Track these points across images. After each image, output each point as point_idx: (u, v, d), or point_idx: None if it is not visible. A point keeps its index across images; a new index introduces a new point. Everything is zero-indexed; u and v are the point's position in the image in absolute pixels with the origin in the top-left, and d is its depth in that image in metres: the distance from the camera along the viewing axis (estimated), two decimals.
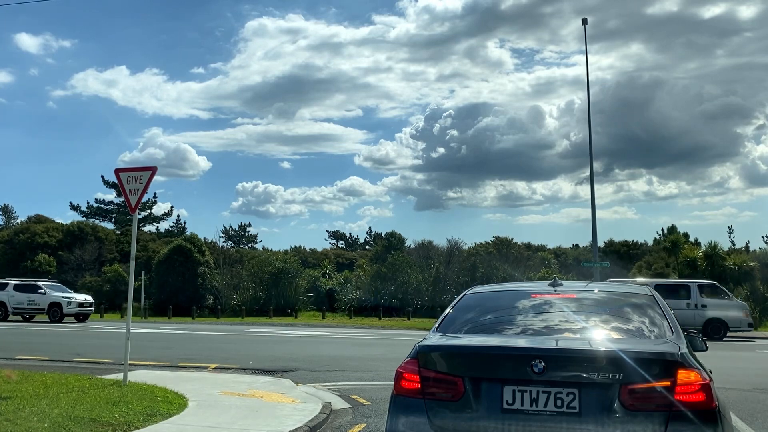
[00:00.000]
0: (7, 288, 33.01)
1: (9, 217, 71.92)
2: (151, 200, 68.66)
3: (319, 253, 67.15)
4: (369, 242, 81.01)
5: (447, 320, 4.82)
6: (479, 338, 4.47)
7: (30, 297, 32.28)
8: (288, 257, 51.35)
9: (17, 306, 32.81)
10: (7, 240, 53.85)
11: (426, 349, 4.27)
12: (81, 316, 32.82)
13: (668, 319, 4.53)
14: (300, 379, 11.51)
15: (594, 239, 32.84)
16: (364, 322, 36.36)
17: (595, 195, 31.71)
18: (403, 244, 58.69)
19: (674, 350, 3.95)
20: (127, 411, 7.60)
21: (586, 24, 33.43)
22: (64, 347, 16.91)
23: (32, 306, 32.56)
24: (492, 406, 3.93)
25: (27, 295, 32.63)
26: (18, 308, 32.91)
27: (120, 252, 53.76)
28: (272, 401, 8.97)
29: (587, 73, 34.69)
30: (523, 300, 4.97)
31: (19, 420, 6.93)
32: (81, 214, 66.64)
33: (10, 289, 32.92)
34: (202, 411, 8.11)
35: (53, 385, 9.29)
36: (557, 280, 5.22)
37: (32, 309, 32.75)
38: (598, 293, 5.11)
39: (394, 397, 4.28)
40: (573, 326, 4.46)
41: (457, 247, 51.64)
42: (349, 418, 8.21)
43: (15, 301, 32.54)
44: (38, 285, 33.29)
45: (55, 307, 32.03)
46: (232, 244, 74.25)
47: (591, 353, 3.94)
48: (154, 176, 10.39)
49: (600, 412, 3.75)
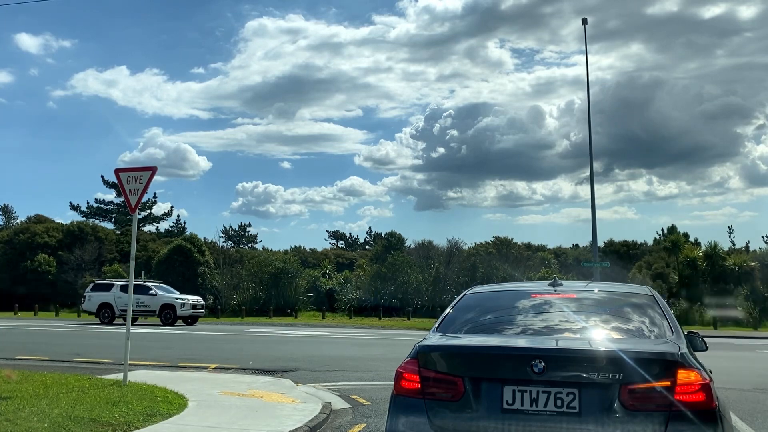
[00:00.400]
0: (113, 289, 31.28)
1: (9, 217, 71.89)
2: (151, 200, 68.67)
3: (319, 253, 67.17)
4: (369, 242, 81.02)
5: (447, 320, 4.82)
6: (479, 338, 4.46)
7: (139, 298, 30.12)
8: (288, 257, 51.38)
9: (125, 308, 30.73)
10: (7, 240, 53.83)
11: (426, 349, 4.27)
12: (190, 319, 31.04)
13: (668, 319, 4.53)
14: (300, 379, 11.51)
15: (594, 239, 32.86)
16: (364, 322, 36.37)
17: (595, 195, 31.77)
18: (403, 244, 58.75)
19: (674, 350, 3.94)
20: (127, 411, 7.59)
21: (586, 24, 33.49)
22: (64, 347, 16.92)
23: (142, 308, 30.55)
24: (492, 406, 3.92)
25: (136, 296, 29.99)
26: (126, 310, 31.06)
27: (120, 252, 53.76)
28: (272, 401, 8.96)
29: (587, 73, 34.78)
30: (523, 300, 4.97)
31: (19, 420, 6.93)
32: (81, 214, 66.70)
33: (117, 290, 31.05)
34: (202, 411, 8.11)
35: (53, 385, 9.29)
36: (557, 280, 5.22)
37: (142, 311, 30.80)
38: (598, 293, 5.11)
39: (394, 397, 4.28)
40: (573, 326, 4.46)
41: (457, 247, 51.67)
42: (349, 418, 8.21)
43: (122, 303, 29.94)
44: (148, 286, 31.35)
45: (167, 309, 30.24)
46: (232, 244, 74.27)
47: (591, 353, 3.94)
48: (154, 176, 10.38)
49: (600, 412, 3.75)
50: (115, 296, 30.90)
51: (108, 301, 31.02)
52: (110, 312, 30.84)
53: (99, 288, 32.13)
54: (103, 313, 31.04)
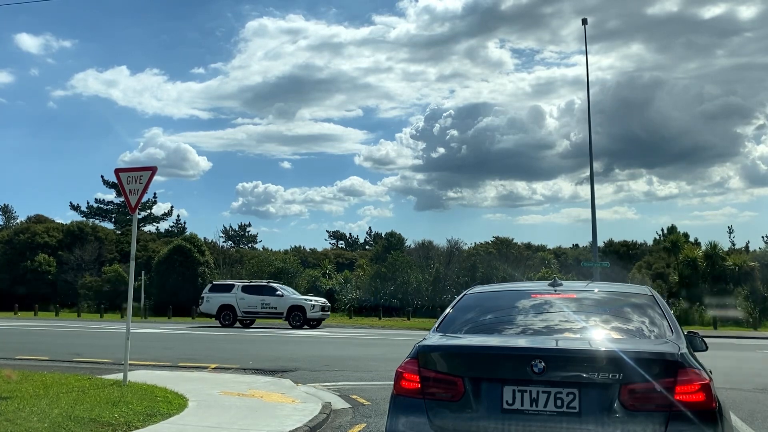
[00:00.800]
0: (234, 290, 29.58)
1: (9, 217, 71.95)
2: (151, 200, 68.67)
3: (319, 253, 67.21)
4: (369, 242, 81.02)
5: (447, 320, 4.82)
6: (479, 338, 4.46)
7: (264, 300, 28.82)
8: (288, 257, 51.44)
9: (249, 310, 29.18)
10: (7, 240, 53.84)
11: (426, 349, 4.27)
12: (315, 322, 29.45)
13: (668, 319, 4.53)
14: (300, 379, 11.51)
15: (594, 239, 32.86)
16: (364, 322, 36.36)
17: (595, 195, 31.77)
18: (403, 244, 58.76)
19: (674, 350, 3.94)
20: (127, 411, 7.59)
21: (586, 24, 33.48)
22: (64, 347, 16.92)
23: (267, 310, 29.05)
24: (492, 406, 3.92)
25: (260, 297, 29.12)
26: (249, 312, 29.30)
27: (120, 252, 53.78)
28: (272, 401, 8.96)
29: (587, 74, 34.77)
30: (523, 300, 4.97)
31: (19, 420, 6.93)
32: (81, 214, 66.71)
33: (238, 290, 29.51)
34: (202, 411, 8.11)
35: (53, 385, 9.29)
36: (557, 280, 5.22)
37: (267, 313, 29.26)
38: (598, 293, 5.11)
39: (394, 397, 4.28)
40: (573, 326, 4.46)
41: (457, 247, 51.71)
42: (349, 418, 8.21)
43: (245, 305, 29.04)
44: (273, 286, 30.02)
45: (296, 311, 28.70)
46: (232, 244, 74.32)
47: (591, 353, 3.94)
48: (154, 176, 10.38)
49: (600, 412, 3.75)
50: (238, 297, 29.29)
51: (229, 303, 29.28)
52: (232, 314, 29.19)
53: (218, 289, 30.35)
54: (224, 315, 29.29)
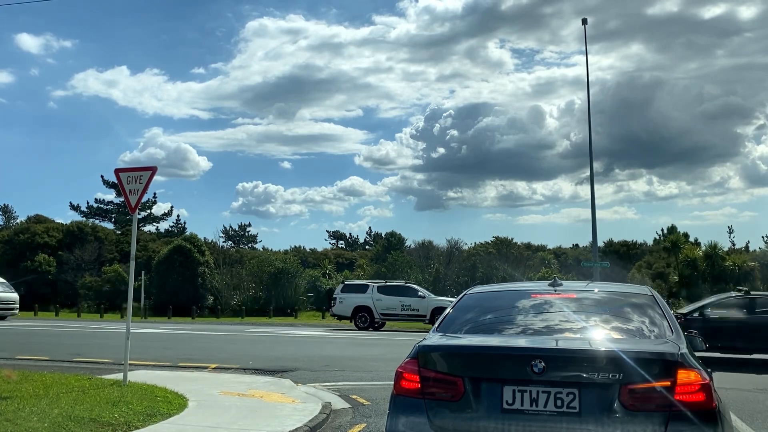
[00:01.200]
0: (369, 290, 28.20)
1: (9, 217, 72.01)
2: (151, 200, 68.69)
3: (319, 253, 67.26)
4: (369, 242, 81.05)
5: (447, 320, 4.82)
6: (479, 338, 4.47)
7: (404, 301, 27.48)
8: (288, 257, 51.44)
9: (387, 312, 27.84)
10: (7, 240, 53.87)
11: (426, 349, 4.27)
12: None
13: (668, 319, 4.53)
14: (300, 379, 11.50)
15: (594, 239, 32.86)
16: None
17: (595, 195, 31.75)
18: (403, 244, 58.82)
19: (674, 350, 3.95)
20: (127, 411, 7.59)
21: (586, 24, 33.46)
22: (64, 347, 16.90)
23: (408, 312, 27.65)
24: (492, 406, 3.92)
25: (399, 298, 27.77)
26: (388, 314, 27.93)
27: (120, 252, 53.79)
28: (272, 401, 8.96)
29: (587, 74, 34.74)
30: (523, 300, 4.97)
31: (19, 420, 6.93)
32: (81, 214, 66.76)
33: (374, 291, 28.11)
34: (202, 411, 8.10)
35: (53, 385, 9.28)
36: (557, 280, 5.22)
37: (408, 315, 27.80)
38: (598, 293, 5.11)
39: (394, 397, 4.28)
40: (573, 326, 4.46)
41: (457, 247, 51.73)
42: (349, 418, 8.21)
43: (383, 306, 27.68)
44: (413, 287, 28.85)
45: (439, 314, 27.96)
46: (232, 244, 74.33)
47: (591, 353, 3.94)
48: (154, 176, 10.37)
49: (600, 412, 3.75)
50: (374, 298, 27.89)
51: (365, 304, 27.92)
52: (368, 316, 27.79)
53: (352, 289, 29.11)
54: (359, 317, 28.00)
